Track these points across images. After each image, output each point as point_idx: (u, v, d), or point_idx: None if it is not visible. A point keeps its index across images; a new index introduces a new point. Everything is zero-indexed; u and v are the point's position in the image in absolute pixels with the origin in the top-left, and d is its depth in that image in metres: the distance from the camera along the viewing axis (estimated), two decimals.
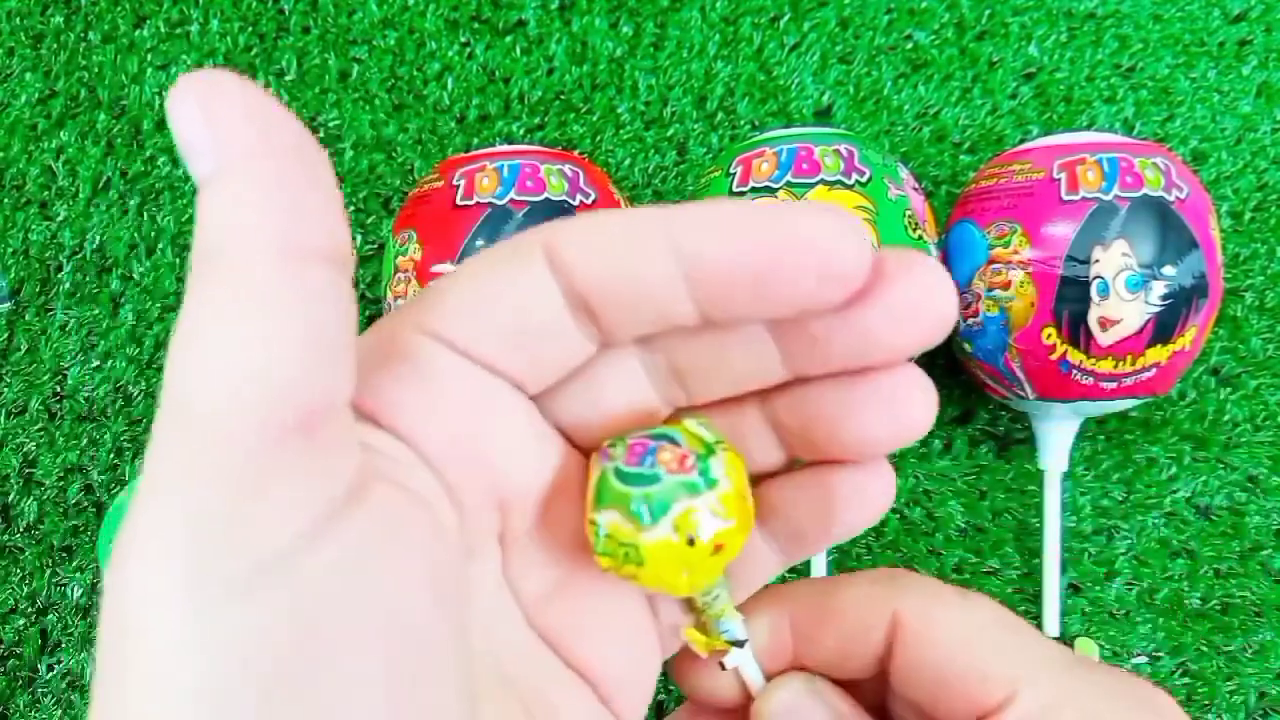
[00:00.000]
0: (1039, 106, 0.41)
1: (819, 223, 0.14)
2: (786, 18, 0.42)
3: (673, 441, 0.17)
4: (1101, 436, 0.39)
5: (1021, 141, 0.37)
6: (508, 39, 0.42)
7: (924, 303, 0.15)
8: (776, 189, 0.32)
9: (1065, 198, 0.32)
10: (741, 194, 0.32)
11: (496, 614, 0.17)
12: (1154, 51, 0.42)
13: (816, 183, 0.32)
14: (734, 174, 0.33)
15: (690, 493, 0.16)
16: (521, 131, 0.42)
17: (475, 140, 0.42)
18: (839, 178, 0.32)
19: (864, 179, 0.32)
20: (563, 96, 0.42)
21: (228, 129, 0.12)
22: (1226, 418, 0.39)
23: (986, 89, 0.42)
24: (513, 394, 0.17)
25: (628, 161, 0.41)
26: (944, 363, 0.39)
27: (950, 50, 0.42)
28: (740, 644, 0.20)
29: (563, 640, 0.18)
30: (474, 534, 0.16)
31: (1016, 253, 0.32)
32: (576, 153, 0.39)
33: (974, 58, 0.42)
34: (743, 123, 0.42)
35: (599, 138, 0.41)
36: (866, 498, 0.18)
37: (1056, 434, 0.35)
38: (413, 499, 0.14)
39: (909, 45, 0.42)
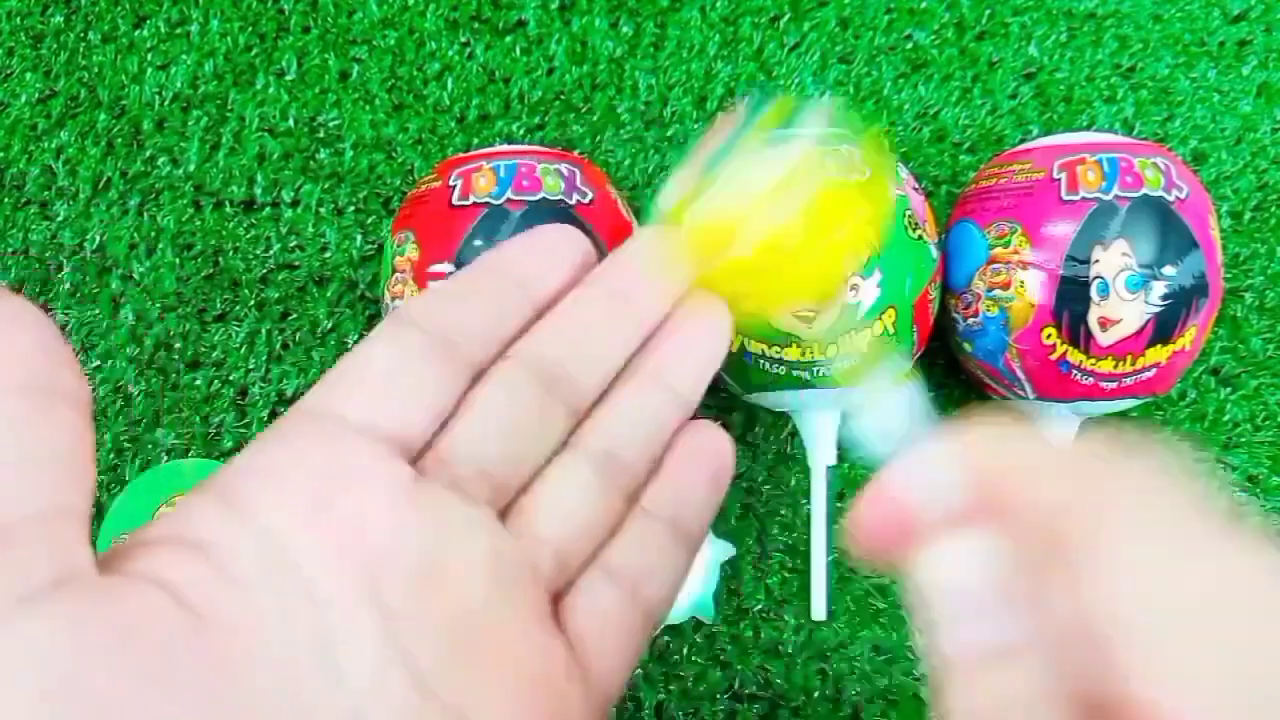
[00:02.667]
0: (1039, 106, 0.41)
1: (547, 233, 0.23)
2: (786, 18, 0.42)
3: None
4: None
5: (1021, 141, 0.37)
6: (508, 39, 0.42)
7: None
8: None
9: (1065, 198, 0.32)
10: None
11: (380, 684, 0.17)
12: (1154, 51, 0.42)
13: None
14: None
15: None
16: (521, 131, 0.42)
17: (475, 140, 0.42)
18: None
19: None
20: (563, 96, 0.42)
21: None
22: (1226, 418, 0.39)
23: (986, 89, 0.42)
24: (387, 463, 0.19)
25: (627, 161, 0.41)
26: (944, 363, 0.39)
27: (950, 50, 0.42)
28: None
29: (469, 708, 0.18)
30: (334, 608, 0.17)
31: (1016, 253, 0.32)
32: (576, 153, 0.39)
33: (974, 58, 0.42)
34: None
35: (599, 138, 0.41)
36: (711, 441, 0.23)
37: (1056, 434, 0.35)
38: (145, 589, 0.16)
39: (909, 45, 0.42)
